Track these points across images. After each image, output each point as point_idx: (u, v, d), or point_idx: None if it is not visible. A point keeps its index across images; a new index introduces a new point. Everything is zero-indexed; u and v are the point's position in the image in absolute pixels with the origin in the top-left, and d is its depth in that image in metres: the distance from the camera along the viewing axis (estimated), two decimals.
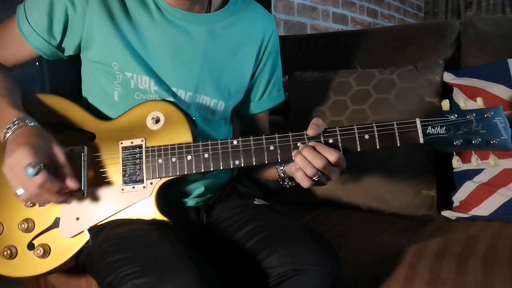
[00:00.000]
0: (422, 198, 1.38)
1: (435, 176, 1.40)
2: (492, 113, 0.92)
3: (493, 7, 4.49)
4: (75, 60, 1.11)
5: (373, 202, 1.43)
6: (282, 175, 1.05)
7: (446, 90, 1.42)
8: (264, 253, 0.92)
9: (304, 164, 0.91)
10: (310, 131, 0.94)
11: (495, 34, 1.48)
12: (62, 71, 1.17)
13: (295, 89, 1.60)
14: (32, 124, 0.93)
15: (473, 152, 0.93)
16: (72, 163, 0.94)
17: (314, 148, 0.92)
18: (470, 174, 1.33)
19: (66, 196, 0.93)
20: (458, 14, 4.65)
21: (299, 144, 0.95)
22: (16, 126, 0.91)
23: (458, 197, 1.35)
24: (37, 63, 1.60)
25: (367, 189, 1.43)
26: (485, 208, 1.29)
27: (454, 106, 0.96)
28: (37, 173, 0.84)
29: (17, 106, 0.96)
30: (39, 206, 0.99)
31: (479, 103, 0.94)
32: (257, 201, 1.11)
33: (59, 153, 0.91)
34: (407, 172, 1.40)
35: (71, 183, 0.91)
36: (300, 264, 0.88)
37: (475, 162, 0.93)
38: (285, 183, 1.06)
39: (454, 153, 0.93)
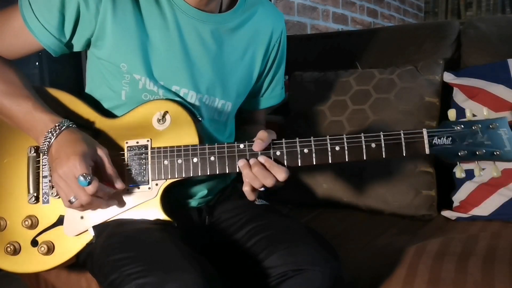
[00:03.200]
0: (422, 198, 1.38)
1: (435, 176, 1.40)
2: (497, 124, 0.91)
3: (493, 7, 4.49)
4: (75, 59, 1.10)
5: (373, 202, 1.43)
6: None
7: (446, 90, 1.42)
8: (264, 253, 0.92)
9: (253, 180, 0.93)
10: (255, 147, 0.95)
11: (495, 34, 1.48)
12: (62, 70, 1.16)
13: (295, 89, 1.60)
14: (71, 126, 0.94)
15: (476, 162, 0.93)
16: None
17: (264, 166, 0.93)
18: (470, 174, 1.33)
19: (113, 200, 0.96)
20: (458, 14, 4.65)
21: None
22: (57, 132, 0.93)
23: (458, 197, 1.35)
24: (37, 63, 1.60)
25: (367, 189, 1.43)
26: (485, 208, 1.29)
27: (458, 113, 0.96)
28: (89, 183, 0.88)
29: (47, 109, 0.96)
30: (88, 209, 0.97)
31: (485, 113, 0.94)
32: (257, 201, 1.10)
33: (104, 156, 0.94)
34: (407, 172, 1.40)
35: (119, 185, 0.94)
36: (300, 264, 0.88)
37: (477, 172, 0.93)
38: None
39: (458, 163, 0.94)
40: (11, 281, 1.03)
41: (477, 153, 0.91)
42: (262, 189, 0.95)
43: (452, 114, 0.95)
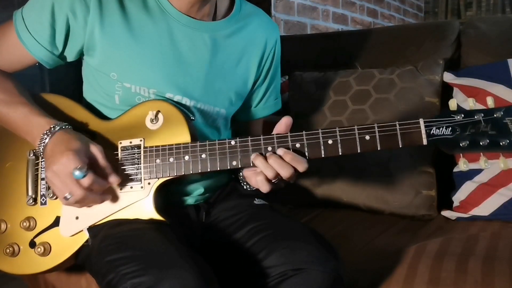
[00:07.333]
0: (422, 198, 1.38)
1: (435, 176, 1.40)
2: (502, 113, 0.86)
3: (493, 7, 4.49)
4: (75, 60, 1.11)
5: (373, 202, 1.43)
6: (241, 178, 1.06)
7: (446, 90, 1.42)
8: (264, 253, 0.92)
9: (266, 169, 0.91)
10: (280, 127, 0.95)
11: (495, 34, 1.48)
12: (62, 71, 1.16)
13: (295, 89, 1.60)
14: (65, 128, 0.95)
15: (481, 154, 0.88)
16: None
17: (281, 157, 0.91)
18: (470, 174, 1.33)
19: (107, 195, 0.96)
20: (458, 14, 4.64)
21: (269, 148, 0.94)
22: (51, 133, 0.94)
23: (458, 197, 1.35)
24: (37, 63, 1.60)
25: (367, 189, 1.43)
26: (485, 208, 1.29)
27: (461, 105, 0.93)
28: (84, 175, 0.88)
29: (43, 113, 0.98)
30: (84, 206, 0.97)
31: (489, 102, 0.89)
32: (257, 201, 1.11)
33: (97, 152, 0.94)
34: (407, 172, 1.40)
35: (113, 179, 0.95)
36: (300, 263, 0.88)
37: (483, 164, 0.87)
38: (244, 184, 1.07)
39: (461, 155, 0.89)
40: (10, 280, 1.03)
41: (481, 143, 0.85)
42: (276, 180, 0.93)
43: (453, 104, 0.90)
